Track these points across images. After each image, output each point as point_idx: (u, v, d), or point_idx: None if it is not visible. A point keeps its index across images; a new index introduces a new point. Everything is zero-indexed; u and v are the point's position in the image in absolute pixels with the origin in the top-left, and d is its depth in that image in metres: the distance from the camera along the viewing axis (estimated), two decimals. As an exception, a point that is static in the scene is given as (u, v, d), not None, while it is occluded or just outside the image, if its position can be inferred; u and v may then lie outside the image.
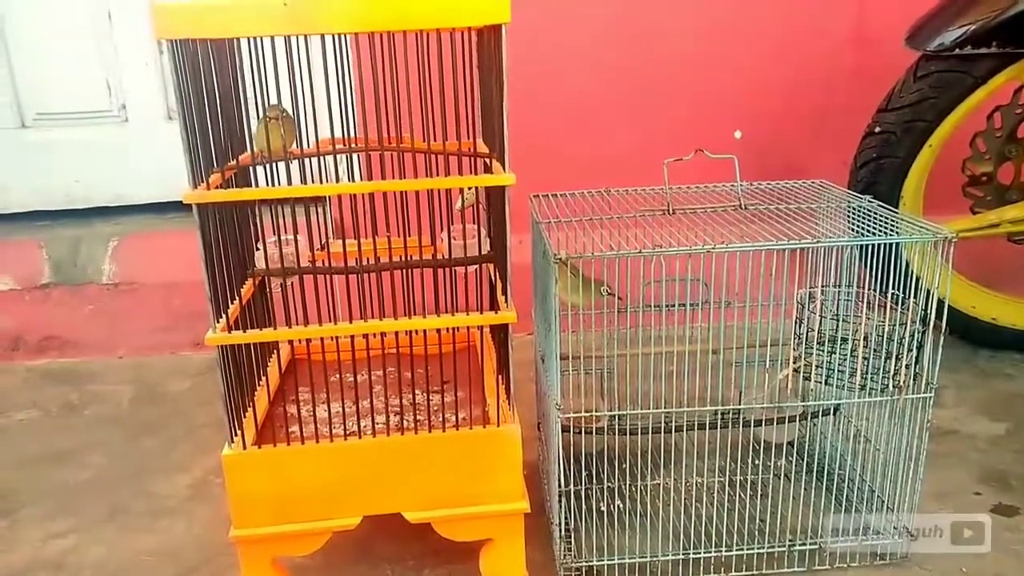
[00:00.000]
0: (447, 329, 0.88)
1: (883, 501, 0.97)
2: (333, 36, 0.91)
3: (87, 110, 1.76)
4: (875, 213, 0.95)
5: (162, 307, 1.64)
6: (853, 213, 0.96)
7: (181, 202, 0.78)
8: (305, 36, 0.78)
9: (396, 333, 0.85)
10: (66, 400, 1.47)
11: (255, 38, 0.83)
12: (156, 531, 1.07)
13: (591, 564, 0.93)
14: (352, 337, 0.86)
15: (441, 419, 0.88)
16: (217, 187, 0.83)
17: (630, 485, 1.08)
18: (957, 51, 1.28)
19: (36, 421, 1.40)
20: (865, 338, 0.89)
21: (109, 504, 1.13)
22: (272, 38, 0.78)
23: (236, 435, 0.85)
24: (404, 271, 0.86)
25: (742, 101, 1.66)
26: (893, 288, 0.91)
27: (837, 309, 0.96)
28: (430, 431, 0.86)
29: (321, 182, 0.91)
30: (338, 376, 1.03)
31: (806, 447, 1.15)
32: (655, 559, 0.94)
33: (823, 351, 0.92)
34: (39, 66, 1.73)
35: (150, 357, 1.63)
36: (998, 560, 0.94)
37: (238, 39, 0.86)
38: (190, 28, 0.74)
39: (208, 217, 0.80)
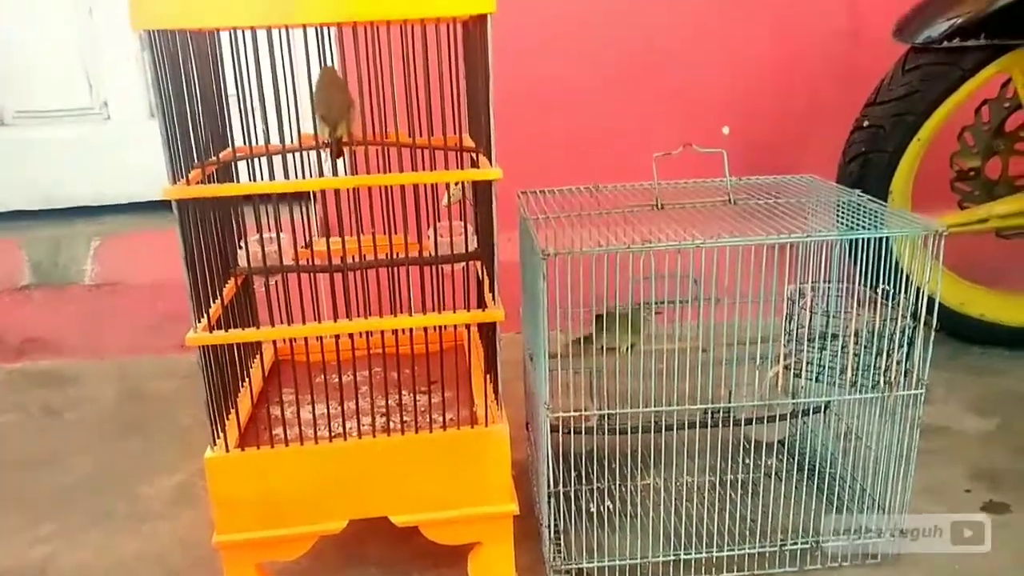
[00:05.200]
0: (434, 328, 0.87)
1: (874, 499, 0.96)
2: (316, 28, 0.90)
3: (68, 108, 1.73)
4: (864, 208, 0.94)
5: (146, 308, 1.62)
6: (842, 208, 0.96)
7: (164, 201, 0.76)
8: (287, 28, 0.76)
9: (382, 332, 0.84)
10: (48, 403, 1.44)
11: (236, 30, 0.82)
12: (141, 535, 1.05)
13: (581, 566, 0.92)
14: (337, 337, 0.84)
15: (428, 420, 0.87)
16: (198, 183, 0.81)
17: (620, 485, 1.07)
18: (945, 44, 1.28)
19: (18, 424, 1.38)
20: (856, 335, 0.88)
21: (93, 508, 1.11)
22: (253, 30, 0.77)
23: (219, 438, 0.83)
24: (390, 269, 0.85)
25: (731, 97, 1.65)
26: (883, 284, 0.90)
27: (827, 306, 0.95)
28: (417, 432, 0.85)
29: (304, 178, 0.90)
30: (323, 377, 1.01)
31: (796, 445, 1.15)
32: (646, 560, 0.93)
33: (813, 348, 0.91)
34: (19, 63, 1.70)
35: (134, 359, 1.61)
36: (990, 557, 0.93)
37: (218, 31, 0.84)
38: (168, 18, 0.72)
39: (189, 214, 0.79)
